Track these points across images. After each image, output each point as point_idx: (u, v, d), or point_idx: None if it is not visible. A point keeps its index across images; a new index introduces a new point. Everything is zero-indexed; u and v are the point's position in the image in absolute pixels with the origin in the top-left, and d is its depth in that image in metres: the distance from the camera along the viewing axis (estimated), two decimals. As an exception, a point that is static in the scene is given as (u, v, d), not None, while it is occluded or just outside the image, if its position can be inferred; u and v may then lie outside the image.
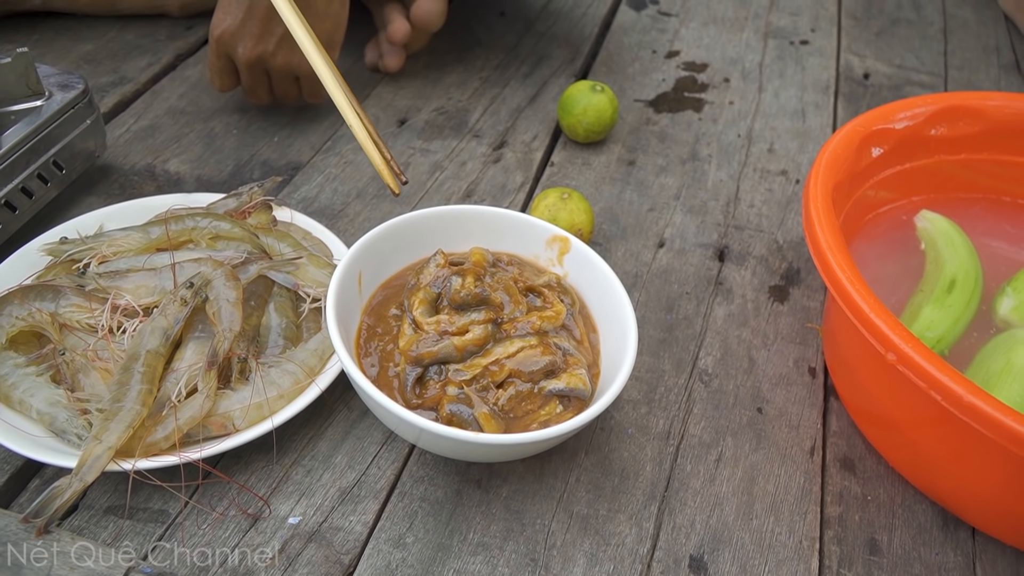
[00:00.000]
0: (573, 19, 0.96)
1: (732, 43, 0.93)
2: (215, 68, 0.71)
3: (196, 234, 0.57)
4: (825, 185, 0.51)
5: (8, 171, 0.58)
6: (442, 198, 0.69)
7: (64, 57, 0.83)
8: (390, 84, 0.83)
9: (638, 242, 0.66)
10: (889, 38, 0.96)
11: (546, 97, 0.82)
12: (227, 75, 0.71)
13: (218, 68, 0.71)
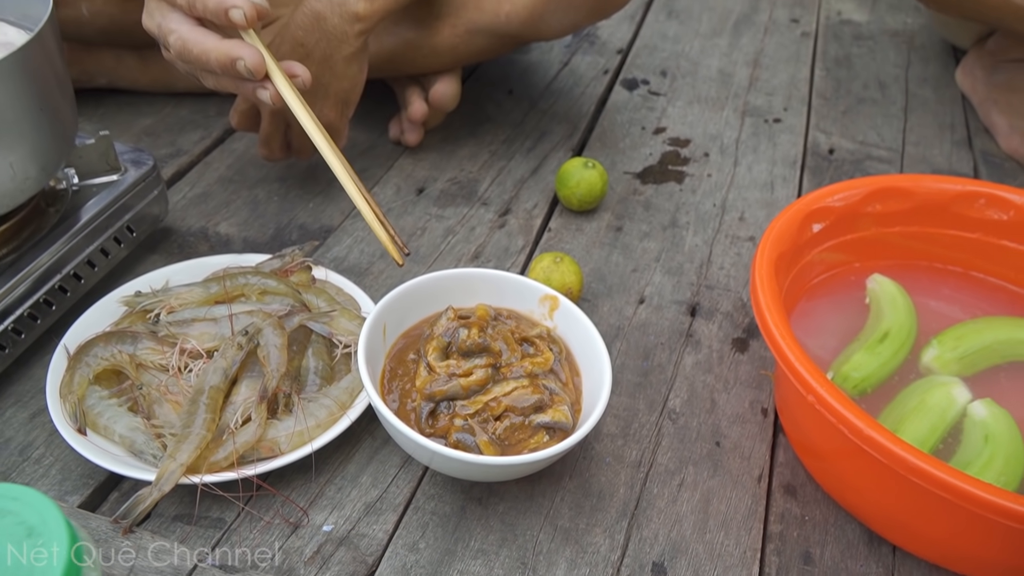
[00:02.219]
0: (572, 97, 1.08)
1: (713, 121, 1.05)
2: (240, 108, 0.82)
3: (248, 289, 0.68)
4: (770, 256, 0.61)
5: (91, 235, 0.70)
6: (454, 259, 0.80)
7: (127, 130, 0.95)
8: (410, 156, 0.95)
9: (621, 298, 0.77)
10: (854, 116, 1.08)
11: (546, 169, 0.94)
12: (248, 118, 0.83)
13: (242, 109, 0.82)
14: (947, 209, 0.72)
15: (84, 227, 0.69)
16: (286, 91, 0.65)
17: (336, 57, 0.78)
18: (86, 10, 0.87)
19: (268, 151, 0.84)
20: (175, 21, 0.64)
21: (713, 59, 1.19)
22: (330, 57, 0.78)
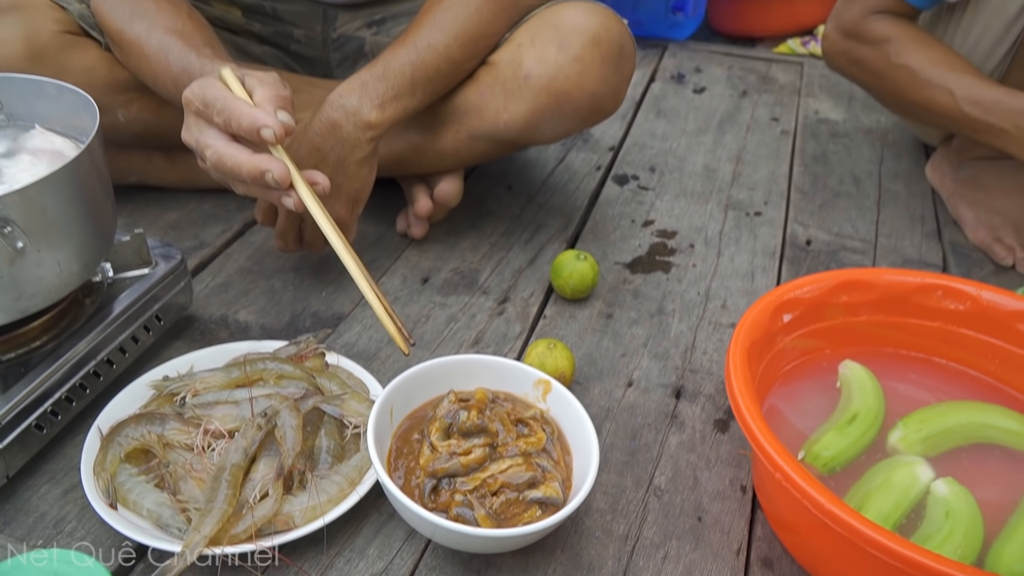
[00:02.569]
0: (567, 192, 1.16)
1: (698, 214, 1.13)
2: (262, 206, 0.90)
3: (266, 374, 0.74)
4: (743, 345, 0.67)
5: (123, 325, 0.76)
6: (456, 344, 0.87)
7: (154, 224, 1.03)
8: (416, 248, 1.02)
9: (611, 382, 0.83)
10: (830, 209, 1.15)
11: (542, 260, 1.01)
12: (271, 214, 0.90)
13: (264, 207, 0.90)
14: (908, 300, 0.78)
15: (117, 317, 0.76)
16: (307, 198, 0.73)
17: (349, 160, 0.86)
18: (122, 117, 0.96)
19: (284, 243, 0.91)
20: (211, 137, 0.72)
21: (699, 156, 1.28)
22: (344, 160, 0.86)
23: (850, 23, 1.05)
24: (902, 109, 1.09)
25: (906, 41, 1.00)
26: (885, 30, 1.02)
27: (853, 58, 1.06)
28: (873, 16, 1.03)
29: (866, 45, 1.03)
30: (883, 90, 1.06)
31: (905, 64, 0.99)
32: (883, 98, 1.09)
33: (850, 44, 1.06)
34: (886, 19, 1.02)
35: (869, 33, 1.03)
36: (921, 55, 0.99)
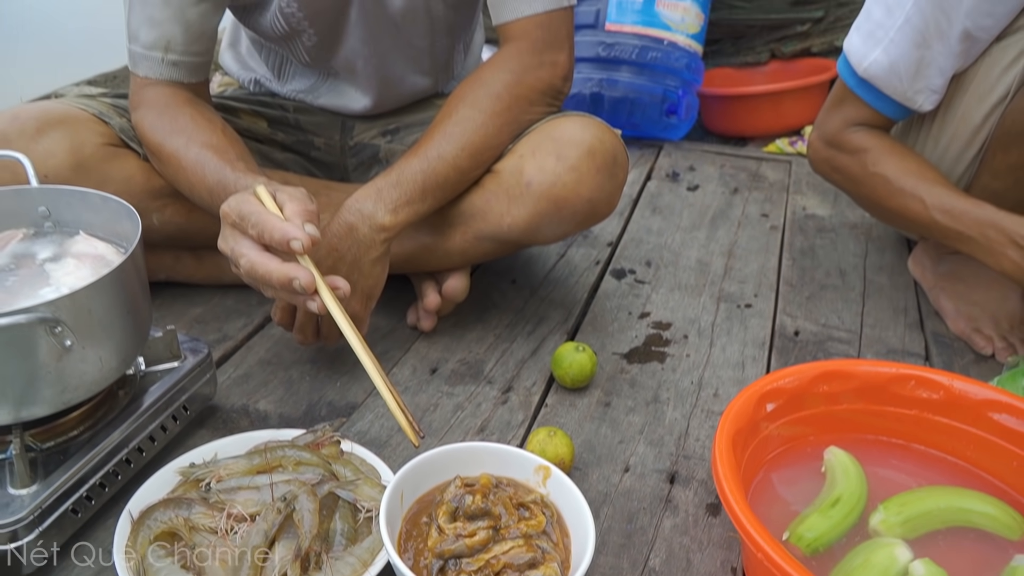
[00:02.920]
0: (568, 286, 1.23)
1: (692, 306, 1.19)
2: (280, 305, 0.96)
3: (285, 461, 0.79)
4: (728, 433, 0.73)
5: (154, 415, 0.82)
6: (462, 432, 0.92)
7: (181, 318, 1.10)
8: (425, 340, 1.08)
9: (609, 467, 0.88)
10: (817, 301, 1.22)
11: (544, 351, 1.07)
12: (288, 314, 0.97)
13: (282, 306, 0.97)
14: (885, 389, 0.84)
15: (148, 408, 0.82)
16: (329, 302, 0.80)
17: (364, 260, 0.93)
18: (156, 220, 1.04)
19: (303, 336, 0.98)
20: (246, 247, 0.79)
21: (692, 250, 1.35)
22: (359, 260, 0.93)
23: (831, 133, 1.13)
24: (880, 214, 1.16)
25: (882, 151, 1.08)
26: (863, 141, 1.10)
27: (834, 165, 1.14)
28: (852, 128, 1.11)
29: (846, 154, 1.12)
30: (862, 196, 1.14)
31: (881, 173, 1.07)
32: (862, 203, 1.17)
33: (831, 152, 1.14)
34: (863, 131, 1.11)
35: (848, 143, 1.11)
36: (896, 165, 1.06)
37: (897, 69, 1.03)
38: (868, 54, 1.05)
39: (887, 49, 1.03)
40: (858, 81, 1.08)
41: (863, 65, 1.06)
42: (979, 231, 0.97)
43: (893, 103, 1.07)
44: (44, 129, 0.97)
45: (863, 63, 1.06)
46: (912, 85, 1.04)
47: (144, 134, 0.98)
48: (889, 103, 1.07)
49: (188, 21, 0.98)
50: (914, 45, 1.01)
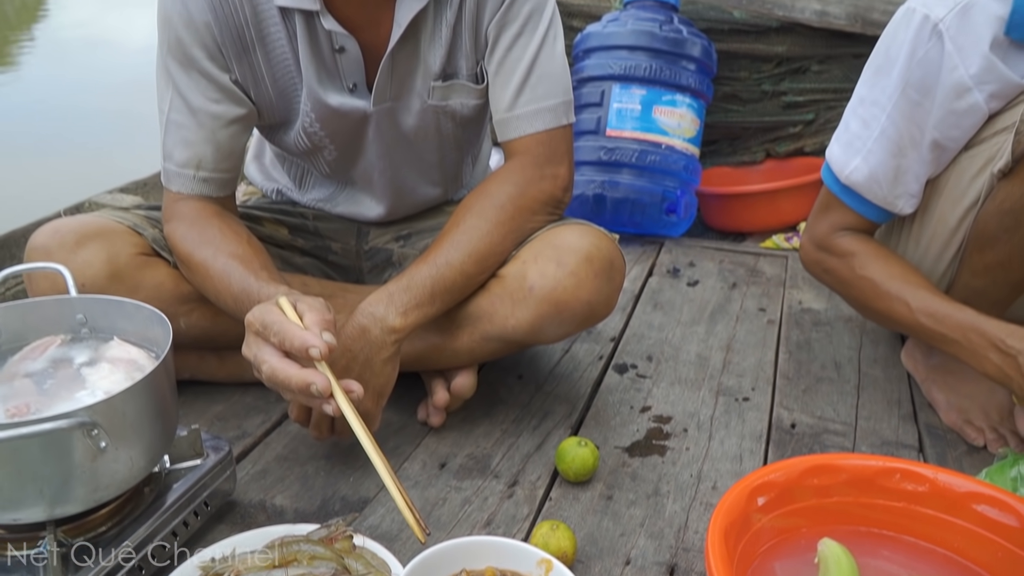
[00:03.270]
0: (572, 381, 1.28)
1: (691, 400, 1.24)
2: (294, 406, 1.01)
3: (300, 555, 0.83)
4: (720, 526, 0.77)
5: (177, 511, 0.87)
6: (469, 526, 0.96)
7: (202, 415, 1.16)
8: (434, 435, 1.13)
9: (610, 560, 0.91)
10: (813, 394, 1.26)
11: (549, 445, 1.11)
12: (304, 412, 1.02)
13: (296, 407, 1.02)
14: (873, 482, 0.88)
15: (172, 505, 0.87)
16: (344, 405, 0.85)
17: (376, 360, 0.99)
18: (184, 324, 1.11)
19: (318, 432, 1.03)
20: (267, 354, 0.86)
21: (692, 345, 1.41)
22: (371, 360, 0.99)
23: (820, 237, 1.20)
24: (869, 314, 1.21)
25: (868, 255, 1.14)
26: (850, 245, 1.16)
27: (824, 268, 1.20)
28: (839, 232, 1.18)
29: (835, 257, 1.18)
30: (851, 297, 1.19)
31: (868, 276, 1.13)
32: (852, 304, 1.22)
33: (821, 255, 1.20)
34: (850, 235, 1.17)
35: (836, 247, 1.17)
36: (881, 269, 1.12)
37: (877, 177, 1.11)
38: (849, 163, 1.13)
39: (866, 158, 1.10)
40: (842, 188, 1.15)
41: (845, 173, 1.13)
42: (962, 335, 1.02)
43: (876, 208, 1.14)
44: (83, 241, 1.05)
45: (845, 171, 1.13)
46: (892, 191, 1.11)
47: (175, 245, 1.06)
48: (872, 208, 1.14)
49: (219, 141, 1.07)
50: (890, 155, 1.08)
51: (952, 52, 0.99)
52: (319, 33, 1.04)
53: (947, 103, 1.03)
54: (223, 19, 1.02)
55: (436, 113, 1.14)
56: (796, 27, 1.99)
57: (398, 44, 1.05)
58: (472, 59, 1.11)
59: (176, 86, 1.05)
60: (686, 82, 1.82)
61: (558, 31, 1.10)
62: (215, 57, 1.04)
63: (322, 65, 1.07)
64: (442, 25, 1.07)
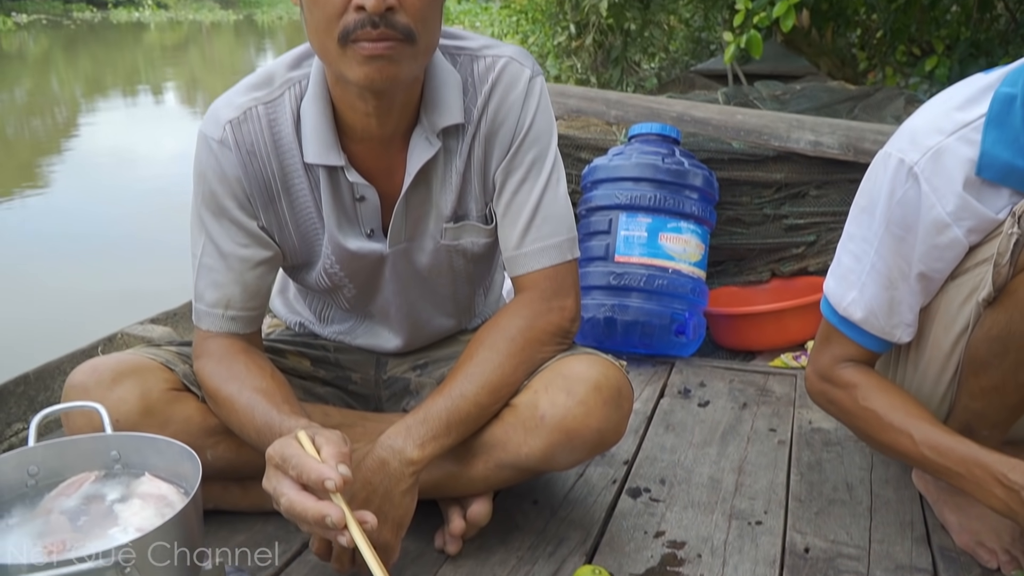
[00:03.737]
0: (586, 506, 1.30)
1: (704, 524, 1.25)
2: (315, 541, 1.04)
3: None
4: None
5: (200, 644, 0.89)
6: (485, 658, 0.96)
7: (225, 544, 1.18)
8: (451, 563, 1.15)
9: None
10: (826, 517, 1.27)
11: (564, 572, 1.13)
12: (326, 547, 1.04)
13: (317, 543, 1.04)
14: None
15: (195, 638, 0.89)
16: (358, 537, 0.89)
17: (395, 492, 1.03)
18: (210, 456, 1.15)
19: (340, 565, 1.05)
20: (286, 487, 0.90)
21: (704, 467, 1.43)
22: (390, 491, 1.03)
23: (823, 369, 1.24)
24: (875, 445, 1.23)
25: (870, 387, 1.18)
26: (852, 377, 1.20)
27: (829, 398, 1.24)
28: (841, 363, 1.22)
29: (838, 389, 1.21)
30: (855, 428, 1.22)
31: (871, 408, 1.16)
32: (857, 434, 1.24)
33: (825, 387, 1.24)
34: (852, 366, 1.21)
35: (839, 379, 1.21)
36: (884, 401, 1.15)
37: (873, 309, 1.15)
38: (845, 296, 1.18)
39: (861, 292, 1.16)
40: (840, 320, 1.20)
41: (842, 306, 1.18)
42: (966, 468, 1.04)
43: (874, 338, 1.18)
44: (119, 379, 1.11)
45: (842, 304, 1.18)
46: (889, 321, 1.16)
47: (204, 381, 1.12)
48: (871, 339, 1.18)
49: (246, 282, 1.15)
50: (882, 287, 1.14)
51: (929, 192, 1.06)
52: (341, 185, 1.13)
53: (929, 238, 1.09)
54: (252, 174, 1.12)
55: (448, 251, 1.22)
56: (792, 155, 2.09)
57: (411, 190, 1.14)
58: (481, 201, 1.19)
59: (208, 233, 1.14)
60: (689, 210, 1.91)
61: (560, 174, 1.19)
62: (244, 207, 1.13)
63: (343, 213, 1.16)
64: (452, 172, 1.16)
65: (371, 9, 0.94)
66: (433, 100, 1.12)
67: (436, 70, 1.12)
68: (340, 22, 0.97)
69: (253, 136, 1.11)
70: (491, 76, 1.14)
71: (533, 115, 1.14)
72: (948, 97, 1.11)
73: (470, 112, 1.14)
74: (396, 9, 0.96)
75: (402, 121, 1.11)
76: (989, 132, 1.03)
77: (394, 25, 0.96)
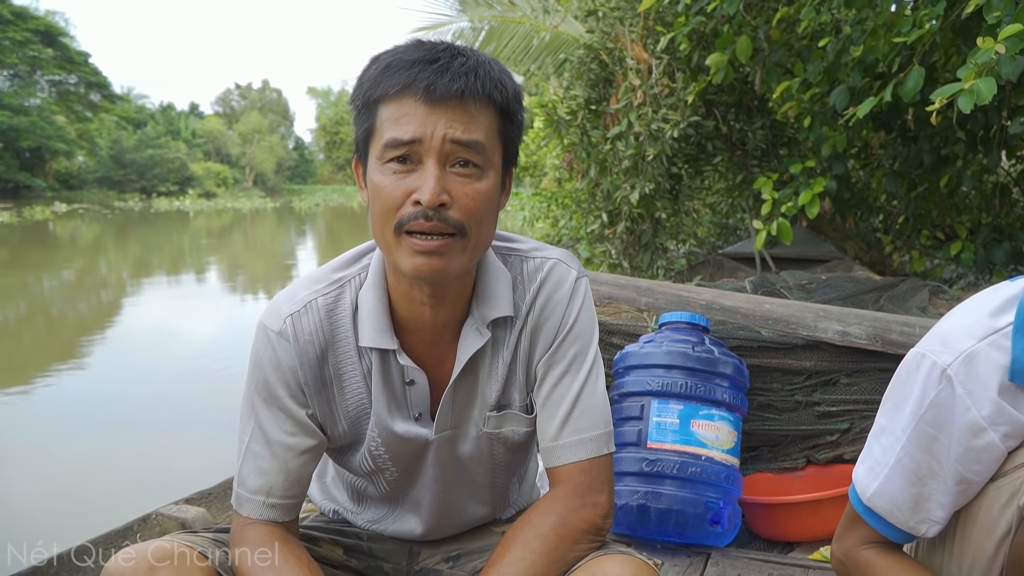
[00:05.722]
0: None
1: None
2: None
3: None
4: None
5: None
6: None
7: None
8: None
9: None
10: None
11: None
12: None
13: None
14: None
15: None
16: None
17: None
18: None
19: None
20: None
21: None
22: None
23: (845, 551, 1.23)
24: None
25: (890, 568, 1.16)
26: (872, 558, 1.19)
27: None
28: (863, 546, 1.21)
29: (859, 571, 1.20)
30: None
31: None
32: None
33: (847, 568, 1.22)
34: (874, 549, 1.20)
35: (859, 560, 1.20)
36: None
37: (896, 502, 1.15)
38: (870, 486, 1.18)
39: (884, 484, 1.16)
40: (864, 508, 1.19)
41: (867, 495, 1.18)
42: None
43: (897, 530, 1.17)
44: (156, 568, 1.12)
45: (866, 493, 1.18)
46: (912, 516, 1.15)
47: (240, 570, 1.13)
48: (893, 529, 1.17)
49: (289, 470, 1.18)
50: (908, 483, 1.14)
51: (963, 395, 1.08)
52: (392, 368, 1.19)
53: (965, 440, 1.09)
54: (307, 363, 1.17)
55: (490, 440, 1.25)
56: (821, 344, 2.13)
57: (459, 378, 1.19)
58: (524, 392, 1.24)
59: (258, 420, 1.19)
60: (720, 397, 1.93)
61: (599, 370, 1.23)
62: (296, 396, 1.18)
63: (392, 396, 1.21)
64: (499, 362, 1.22)
65: (426, 204, 1.02)
66: (484, 294, 1.18)
67: (488, 267, 1.19)
68: (397, 214, 1.05)
69: (312, 327, 1.16)
70: (540, 275, 1.21)
71: (577, 313, 1.20)
72: (977, 304, 1.15)
73: (519, 307, 1.20)
74: (449, 205, 1.04)
75: (455, 312, 1.18)
76: (1018, 339, 1.07)
77: (446, 220, 1.04)
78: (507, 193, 1.17)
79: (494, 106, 1.08)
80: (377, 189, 1.07)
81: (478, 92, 1.05)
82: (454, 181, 1.05)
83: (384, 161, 1.06)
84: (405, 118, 1.04)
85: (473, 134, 1.06)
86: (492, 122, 1.08)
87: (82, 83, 49.09)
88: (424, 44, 1.08)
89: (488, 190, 1.08)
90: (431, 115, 1.04)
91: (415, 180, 1.04)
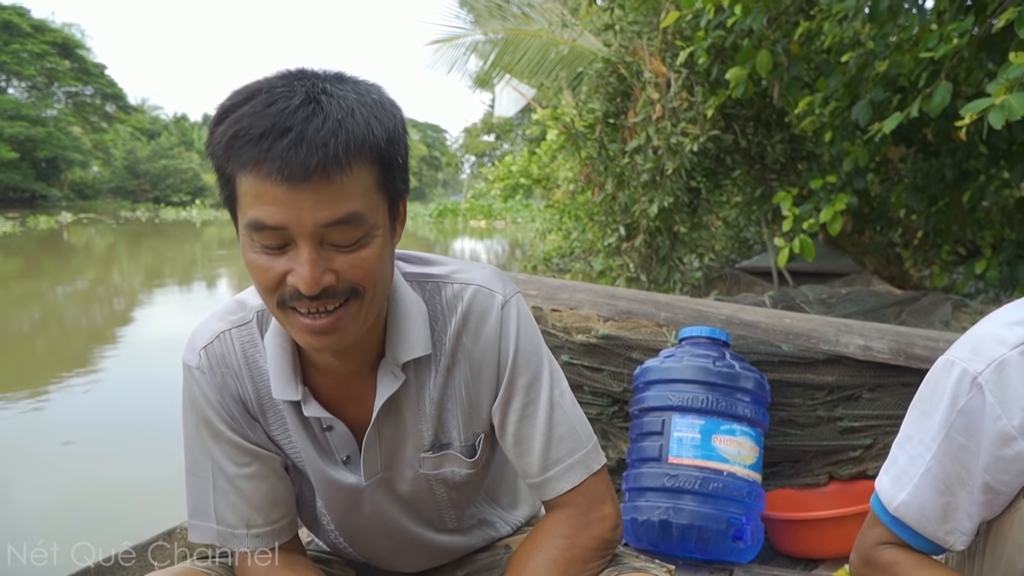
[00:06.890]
0: None
1: None
2: None
3: None
4: None
5: None
6: None
7: None
8: None
9: None
10: None
11: None
12: None
13: None
14: None
15: None
16: None
17: None
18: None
19: None
20: None
21: None
22: None
23: (865, 551, 1.21)
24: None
25: (911, 563, 1.15)
26: (892, 556, 1.17)
27: None
28: (883, 546, 1.19)
29: (879, 571, 1.18)
30: None
31: None
32: None
33: (867, 570, 1.21)
34: (893, 548, 1.19)
35: (879, 559, 1.18)
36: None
37: (925, 512, 1.14)
38: (896, 495, 1.17)
39: (913, 493, 1.15)
40: (891, 519, 1.18)
41: (893, 505, 1.17)
42: None
43: (925, 540, 1.16)
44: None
45: (893, 503, 1.17)
46: (941, 527, 1.14)
47: None
48: (921, 540, 1.16)
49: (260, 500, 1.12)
50: (937, 492, 1.13)
51: (994, 404, 1.07)
52: (307, 415, 1.10)
53: (994, 449, 1.09)
54: (231, 396, 1.11)
55: (428, 480, 1.17)
56: (843, 359, 2.12)
57: (382, 420, 1.11)
58: (466, 432, 1.14)
59: (213, 457, 1.11)
60: (742, 412, 1.92)
61: (562, 385, 1.13)
62: (234, 427, 1.11)
63: (315, 442, 1.13)
64: (425, 402, 1.12)
65: (306, 293, 0.92)
66: (396, 335, 1.08)
67: (399, 303, 1.08)
68: (277, 292, 0.95)
69: (227, 360, 1.10)
70: (460, 306, 1.10)
71: (515, 341, 1.10)
72: (1008, 313, 1.15)
73: (440, 342, 1.10)
74: (334, 282, 0.93)
75: (366, 355, 1.09)
76: None
77: (334, 293, 0.94)
78: (402, 221, 1.03)
79: (368, 161, 0.92)
80: (251, 266, 0.95)
81: (343, 159, 0.89)
82: (335, 257, 0.93)
83: (252, 239, 0.94)
84: (265, 199, 0.90)
85: (345, 207, 0.91)
86: (368, 180, 0.93)
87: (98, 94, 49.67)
88: (274, 103, 0.89)
89: (376, 253, 0.96)
90: (293, 198, 0.89)
91: (289, 261, 0.93)
